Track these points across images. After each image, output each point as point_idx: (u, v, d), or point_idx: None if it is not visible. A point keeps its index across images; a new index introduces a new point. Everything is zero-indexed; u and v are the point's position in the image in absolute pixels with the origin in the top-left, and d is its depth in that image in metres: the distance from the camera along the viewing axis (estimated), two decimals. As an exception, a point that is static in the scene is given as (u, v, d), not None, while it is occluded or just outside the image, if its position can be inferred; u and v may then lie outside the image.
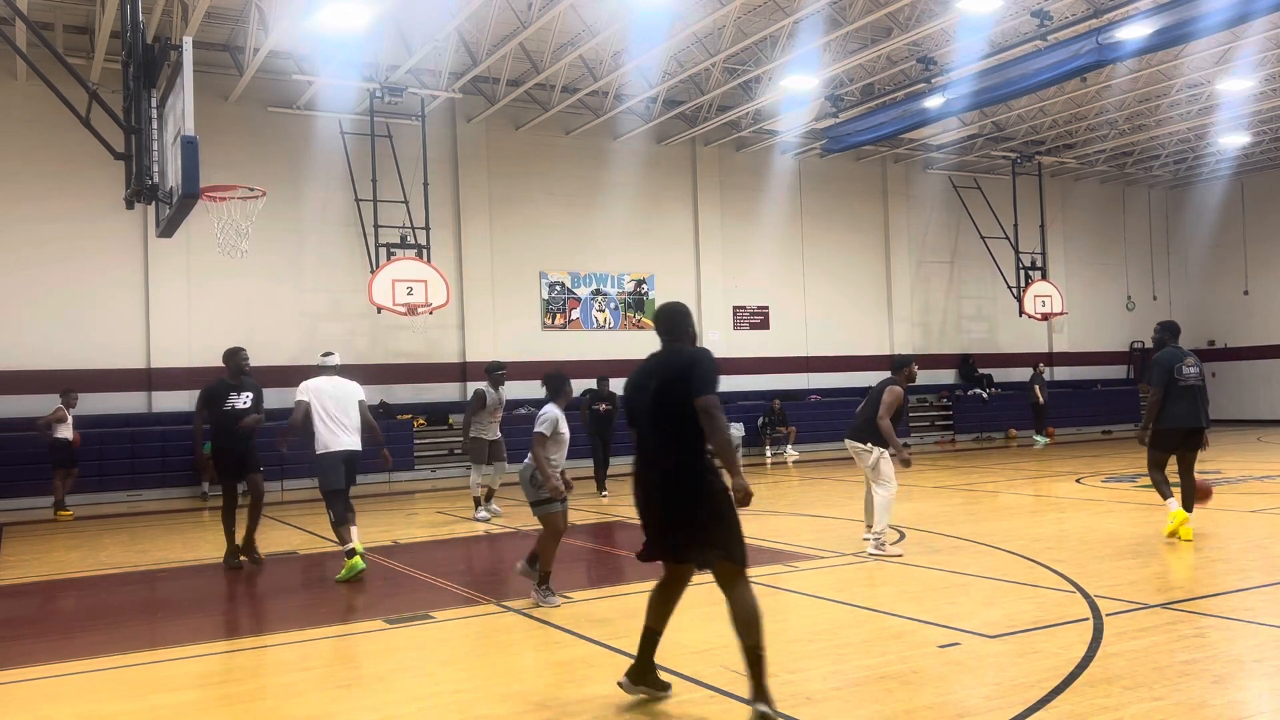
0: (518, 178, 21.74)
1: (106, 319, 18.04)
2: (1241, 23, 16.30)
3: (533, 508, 7.43)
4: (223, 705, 5.33)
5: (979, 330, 27.96)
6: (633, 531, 11.49)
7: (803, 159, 25.07)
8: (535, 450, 7.24)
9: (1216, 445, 21.31)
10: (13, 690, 5.80)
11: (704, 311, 23.71)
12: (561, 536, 7.48)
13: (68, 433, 15.28)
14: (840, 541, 10.01)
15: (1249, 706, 4.82)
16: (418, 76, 19.11)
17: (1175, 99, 22.62)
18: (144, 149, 9.08)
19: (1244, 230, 29.73)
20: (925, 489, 14.91)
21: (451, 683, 5.57)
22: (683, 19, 16.77)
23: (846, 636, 6.22)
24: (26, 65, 12.33)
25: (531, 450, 7.25)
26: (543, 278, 22.05)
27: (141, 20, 9.50)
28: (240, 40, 17.53)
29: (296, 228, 19.43)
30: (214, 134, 16.21)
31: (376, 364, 20.01)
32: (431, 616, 7.24)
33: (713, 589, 4.81)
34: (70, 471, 15.44)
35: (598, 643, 6.25)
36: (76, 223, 17.78)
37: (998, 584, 7.65)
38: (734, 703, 4.97)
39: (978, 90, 19.11)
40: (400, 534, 11.90)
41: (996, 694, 4.99)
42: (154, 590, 9.47)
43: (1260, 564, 8.22)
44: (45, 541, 12.50)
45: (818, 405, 24.26)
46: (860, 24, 16.80)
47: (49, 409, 15.29)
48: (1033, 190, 26.71)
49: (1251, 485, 13.86)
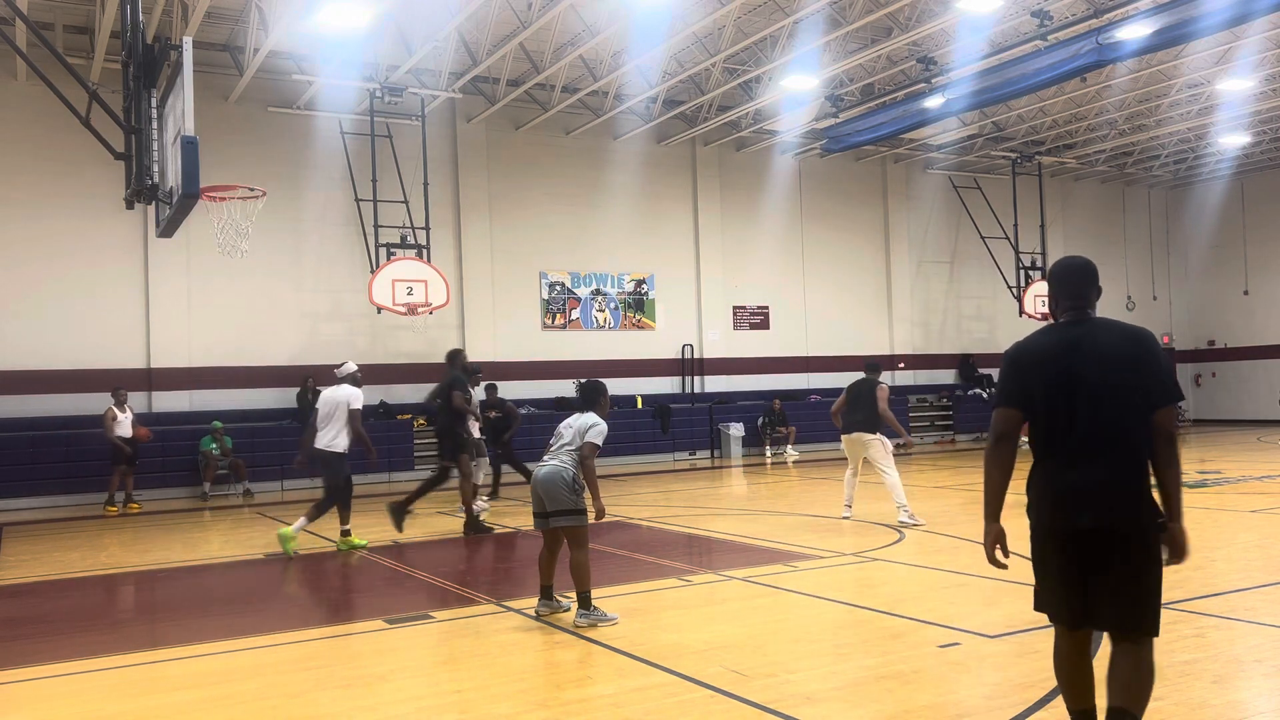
0: (518, 178, 21.74)
1: (106, 319, 18.04)
2: (1241, 23, 16.29)
3: (561, 516, 6.84)
4: (223, 705, 5.33)
5: (979, 330, 27.96)
6: (632, 531, 11.52)
7: (803, 159, 25.07)
8: (590, 462, 6.82)
9: (1217, 445, 21.31)
10: (13, 690, 5.80)
11: (704, 311, 23.73)
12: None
13: (125, 430, 15.39)
14: (840, 541, 10.01)
15: (1249, 706, 4.82)
16: (418, 76, 19.11)
17: (1175, 99, 22.62)
18: (144, 149, 9.08)
19: (1244, 230, 29.74)
20: (925, 489, 14.91)
21: (451, 683, 5.57)
22: (683, 19, 16.77)
23: (846, 636, 6.22)
24: (26, 65, 12.33)
25: (584, 461, 6.80)
26: (543, 277, 22.05)
27: (141, 20, 9.50)
28: (240, 40, 17.53)
29: (296, 228, 19.43)
30: (214, 134, 16.22)
31: (376, 364, 20.00)
32: (431, 616, 7.24)
33: (714, 589, 4.80)
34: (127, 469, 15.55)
35: (598, 643, 6.25)
36: (76, 223, 17.79)
37: (998, 584, 7.65)
38: (734, 702, 4.97)
39: (978, 90, 19.11)
40: (400, 534, 11.89)
41: (996, 694, 4.99)
42: (154, 590, 9.47)
43: (1260, 564, 8.22)
44: (45, 541, 12.50)
45: (818, 405, 24.23)
46: (860, 24, 16.80)
47: (49, 409, 15.30)
48: (1033, 190, 26.72)
49: (1251, 485, 13.85)
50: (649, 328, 23.14)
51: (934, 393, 26.38)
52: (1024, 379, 3.86)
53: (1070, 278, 3.94)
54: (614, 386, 13.74)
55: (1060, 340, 3.84)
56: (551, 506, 6.87)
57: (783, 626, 6.64)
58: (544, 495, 6.90)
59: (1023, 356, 3.90)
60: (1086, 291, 3.91)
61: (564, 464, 6.88)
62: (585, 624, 6.63)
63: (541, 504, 6.94)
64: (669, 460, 21.91)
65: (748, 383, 23.86)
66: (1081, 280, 3.92)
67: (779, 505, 13.41)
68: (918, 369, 26.58)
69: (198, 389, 18.62)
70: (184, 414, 18.39)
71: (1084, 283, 3.92)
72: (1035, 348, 3.89)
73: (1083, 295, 3.91)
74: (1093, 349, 3.75)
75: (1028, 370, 3.86)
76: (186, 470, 17.61)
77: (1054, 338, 3.87)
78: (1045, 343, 3.88)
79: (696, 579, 8.37)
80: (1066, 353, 3.79)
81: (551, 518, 6.90)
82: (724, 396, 23.47)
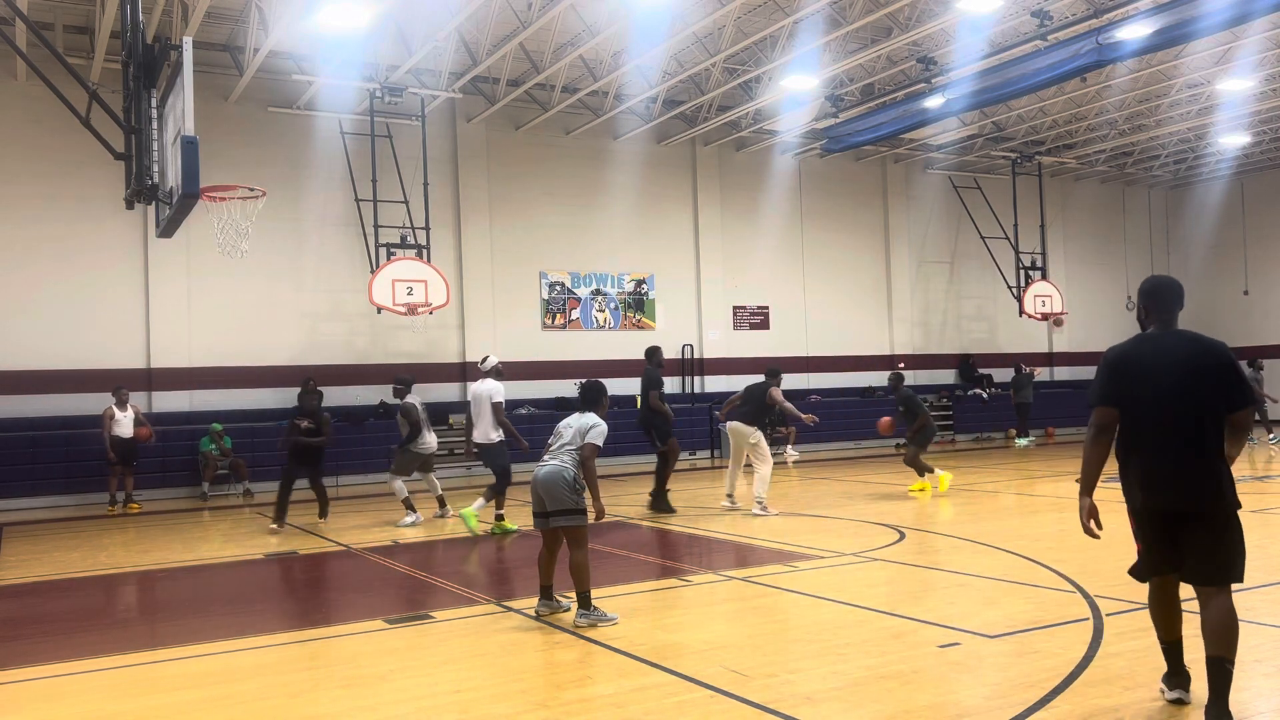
0: (518, 178, 21.74)
1: (106, 319, 18.04)
2: (1241, 23, 16.29)
3: (561, 516, 6.83)
4: (223, 705, 5.33)
5: (979, 330, 27.96)
6: (632, 531, 11.52)
7: (803, 159, 25.07)
8: (591, 463, 6.84)
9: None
10: (13, 690, 5.80)
11: (704, 311, 23.73)
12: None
13: (124, 430, 15.40)
14: (840, 541, 10.01)
15: (1249, 707, 4.82)
16: (418, 76, 19.11)
17: (1175, 99, 22.62)
18: (144, 149, 9.08)
19: (1244, 230, 29.74)
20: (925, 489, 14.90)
21: (451, 683, 5.57)
22: (683, 19, 16.77)
23: (846, 636, 6.22)
24: (26, 65, 12.33)
25: (585, 462, 6.82)
26: (543, 278, 22.05)
27: (141, 20, 9.50)
28: (240, 40, 17.53)
29: (296, 228, 19.43)
30: (214, 134, 16.21)
31: (376, 364, 20.02)
32: (431, 616, 7.24)
33: (714, 589, 4.80)
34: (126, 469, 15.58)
35: (598, 643, 6.25)
36: (76, 223, 17.78)
37: (998, 584, 7.65)
38: (734, 702, 4.97)
39: (978, 90, 19.11)
40: (400, 534, 11.90)
41: (996, 694, 4.99)
42: (154, 590, 9.47)
43: (1260, 564, 8.22)
44: (45, 541, 12.50)
45: (818, 405, 24.22)
46: (860, 24, 16.80)
47: (49, 409, 15.30)
48: (1033, 190, 26.71)
49: (1251, 485, 13.85)
50: (649, 328, 23.13)
51: (934, 393, 26.36)
52: (1122, 382, 4.52)
53: (1165, 294, 4.59)
54: (614, 387, 13.73)
55: (1154, 349, 4.51)
56: (552, 506, 6.87)
57: (783, 626, 6.64)
58: (544, 494, 6.90)
59: (1120, 362, 4.55)
60: (1175, 308, 4.59)
61: (565, 463, 6.88)
62: (585, 624, 6.62)
63: (542, 503, 6.94)
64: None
65: (748, 383, 23.81)
66: (1171, 298, 4.59)
67: (779, 505, 13.40)
68: (918, 369, 26.56)
69: (198, 389, 18.62)
70: (184, 414, 18.38)
71: (1174, 300, 4.59)
72: (1133, 354, 4.55)
73: (1171, 311, 4.58)
74: (1177, 359, 4.43)
75: (1125, 374, 4.52)
76: (186, 470, 17.60)
77: (1148, 347, 4.54)
78: (1141, 351, 4.54)
79: (696, 579, 8.37)
80: (1157, 360, 4.47)
81: (551, 517, 6.90)
82: (724, 396, 23.41)
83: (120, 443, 15.44)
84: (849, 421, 24.29)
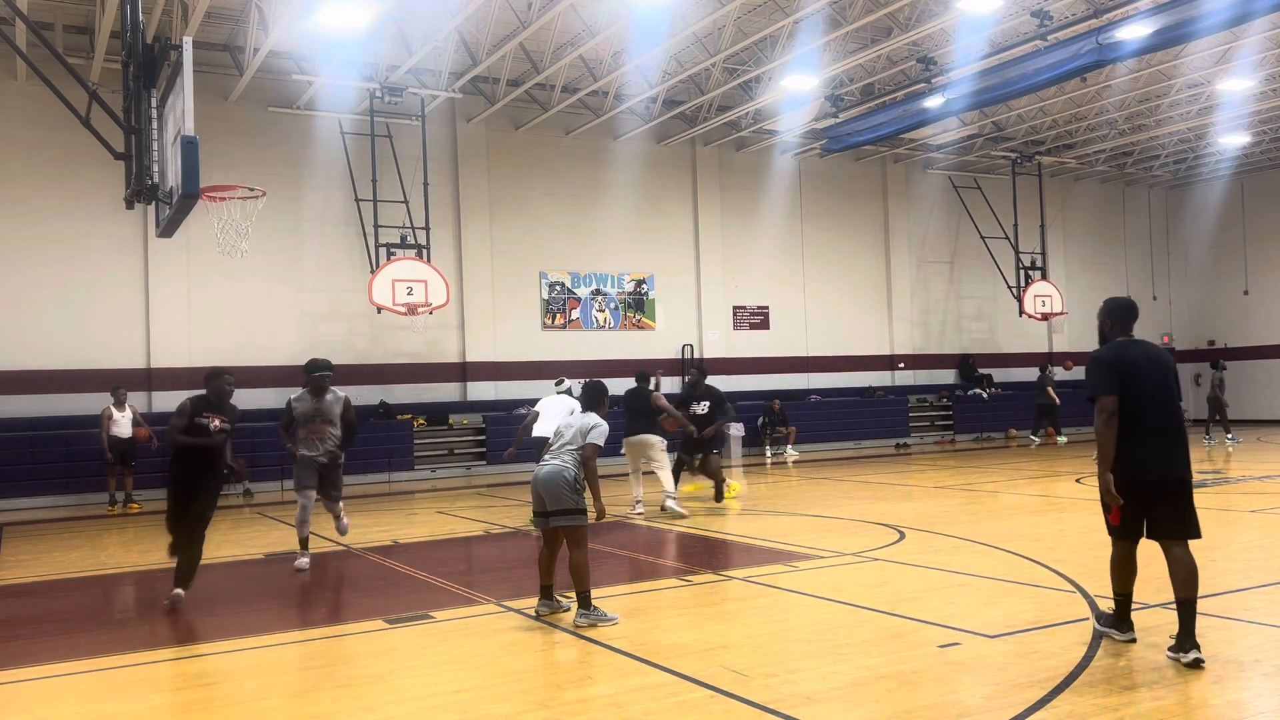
0: (518, 178, 21.73)
1: (106, 319, 18.03)
2: (1241, 23, 16.29)
3: (561, 516, 6.82)
4: (223, 705, 5.33)
5: (979, 330, 27.95)
6: (632, 531, 11.52)
7: (803, 159, 25.07)
8: (592, 463, 6.86)
9: (1217, 445, 21.30)
10: (13, 690, 5.80)
11: (704, 311, 23.72)
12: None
13: (122, 430, 15.43)
14: (840, 541, 10.01)
15: (1249, 706, 4.82)
16: (418, 76, 19.11)
17: (1175, 99, 22.61)
18: (144, 149, 9.08)
19: (1244, 230, 29.74)
20: (925, 489, 14.92)
21: (451, 683, 5.57)
22: (683, 19, 16.77)
23: (846, 636, 6.22)
24: (26, 65, 12.33)
25: (586, 462, 6.84)
26: (543, 278, 22.04)
27: (141, 20, 9.49)
28: (240, 40, 17.53)
29: (296, 228, 19.42)
30: (214, 134, 16.20)
31: (376, 364, 20.02)
32: (431, 616, 7.24)
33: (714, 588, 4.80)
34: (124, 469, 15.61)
35: (598, 643, 6.25)
36: (76, 223, 17.77)
37: (998, 584, 7.65)
38: (734, 702, 4.97)
39: (978, 90, 19.11)
40: (400, 534, 11.90)
41: (996, 694, 4.99)
42: (154, 590, 9.46)
43: (1260, 564, 8.23)
44: (45, 541, 12.50)
45: (818, 405, 24.27)
46: (860, 24, 16.79)
47: (49, 409, 15.30)
48: (1033, 190, 26.71)
49: (1251, 485, 13.86)
50: (649, 328, 23.13)
51: (933, 393, 26.38)
52: (1120, 375, 5.53)
53: (1127, 312, 5.83)
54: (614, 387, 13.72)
55: (1141, 353, 5.65)
56: (553, 505, 6.87)
57: (782, 626, 6.64)
58: (545, 494, 6.90)
59: (1119, 361, 5.59)
60: (1133, 322, 5.85)
61: (565, 463, 6.89)
62: (585, 624, 6.62)
63: (542, 503, 6.95)
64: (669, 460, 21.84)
65: (748, 383, 23.84)
66: (1131, 315, 5.84)
67: (779, 505, 13.41)
68: (917, 369, 26.58)
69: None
70: (183, 414, 18.34)
71: (1133, 317, 5.85)
72: (1126, 356, 5.62)
73: (1130, 325, 5.83)
74: (1158, 361, 5.66)
75: (1125, 372, 5.54)
76: (186, 470, 17.56)
77: (1135, 351, 5.66)
78: (1132, 353, 5.64)
79: (696, 579, 8.37)
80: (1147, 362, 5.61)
81: (552, 517, 6.89)
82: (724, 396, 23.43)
83: (118, 443, 15.47)
84: (849, 421, 24.31)
